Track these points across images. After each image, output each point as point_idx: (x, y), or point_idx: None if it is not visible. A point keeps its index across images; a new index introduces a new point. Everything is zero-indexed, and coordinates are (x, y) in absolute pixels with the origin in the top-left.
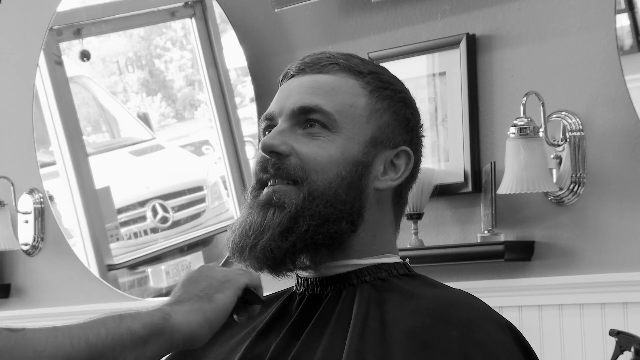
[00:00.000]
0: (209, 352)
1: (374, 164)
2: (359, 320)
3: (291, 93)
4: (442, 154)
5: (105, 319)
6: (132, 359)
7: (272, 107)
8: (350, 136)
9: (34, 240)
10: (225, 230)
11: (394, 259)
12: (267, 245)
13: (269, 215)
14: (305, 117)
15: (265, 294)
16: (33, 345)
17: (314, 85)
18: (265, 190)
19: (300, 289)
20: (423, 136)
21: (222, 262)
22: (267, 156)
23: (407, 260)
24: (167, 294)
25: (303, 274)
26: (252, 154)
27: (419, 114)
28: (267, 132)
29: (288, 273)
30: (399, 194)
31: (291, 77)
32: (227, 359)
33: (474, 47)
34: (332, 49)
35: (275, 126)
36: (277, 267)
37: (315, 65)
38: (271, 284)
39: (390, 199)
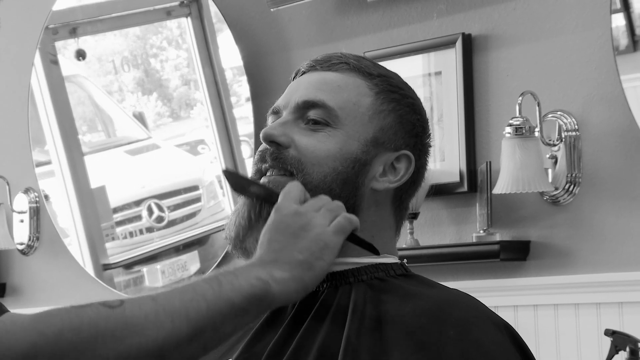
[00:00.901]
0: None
1: (373, 164)
2: (355, 319)
3: (298, 88)
4: (438, 154)
5: (204, 288)
6: (231, 326)
7: (279, 101)
8: (350, 133)
9: (30, 239)
10: (221, 229)
11: (392, 259)
12: (257, 237)
13: (260, 205)
14: (309, 112)
15: None
16: (134, 325)
17: (321, 81)
18: (262, 179)
19: None
20: (430, 145)
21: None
22: (267, 145)
23: (405, 260)
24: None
25: None
26: (247, 154)
27: (427, 123)
28: None
29: None
30: (399, 198)
31: (302, 74)
32: (224, 358)
33: (469, 47)
34: (331, 51)
35: None
36: None
37: (325, 63)
38: None
39: (390, 202)
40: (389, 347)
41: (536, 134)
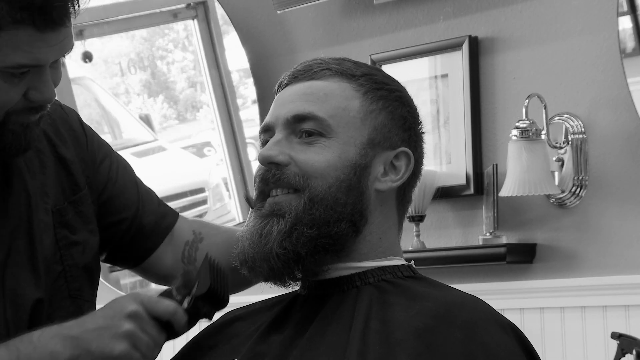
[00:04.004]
0: (212, 352)
1: (373, 165)
2: (361, 321)
3: (285, 102)
4: (444, 156)
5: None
6: None
7: (268, 118)
8: (346, 140)
9: None
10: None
11: (399, 261)
12: (268, 256)
13: (270, 224)
14: (300, 125)
15: (269, 296)
16: None
17: (307, 92)
18: (268, 201)
19: (304, 290)
20: (422, 133)
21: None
22: (266, 167)
23: (412, 262)
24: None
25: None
26: (254, 156)
27: (416, 112)
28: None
29: (292, 282)
30: (403, 193)
31: (286, 86)
32: (230, 359)
33: (476, 50)
34: (337, 54)
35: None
36: (281, 276)
37: (307, 72)
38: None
39: (394, 199)
40: (395, 349)
41: (543, 136)
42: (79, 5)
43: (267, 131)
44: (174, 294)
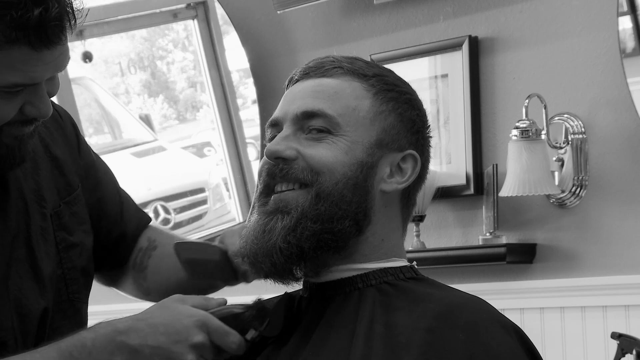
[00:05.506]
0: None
1: (380, 166)
2: (364, 324)
3: (295, 98)
4: (444, 156)
5: None
6: None
7: (277, 113)
8: (354, 139)
9: None
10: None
11: (401, 262)
12: (271, 252)
13: (274, 220)
14: (309, 122)
15: (270, 296)
16: None
17: (317, 89)
18: (273, 198)
19: (306, 293)
20: (430, 137)
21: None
22: (273, 162)
23: (414, 263)
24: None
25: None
26: (254, 156)
27: (425, 115)
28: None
29: (293, 281)
30: (407, 195)
31: (296, 82)
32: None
33: (476, 50)
34: (337, 53)
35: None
36: (282, 272)
37: (319, 69)
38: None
39: (399, 201)
40: (398, 351)
41: (543, 136)
42: (75, 22)
43: (274, 126)
44: (245, 318)
